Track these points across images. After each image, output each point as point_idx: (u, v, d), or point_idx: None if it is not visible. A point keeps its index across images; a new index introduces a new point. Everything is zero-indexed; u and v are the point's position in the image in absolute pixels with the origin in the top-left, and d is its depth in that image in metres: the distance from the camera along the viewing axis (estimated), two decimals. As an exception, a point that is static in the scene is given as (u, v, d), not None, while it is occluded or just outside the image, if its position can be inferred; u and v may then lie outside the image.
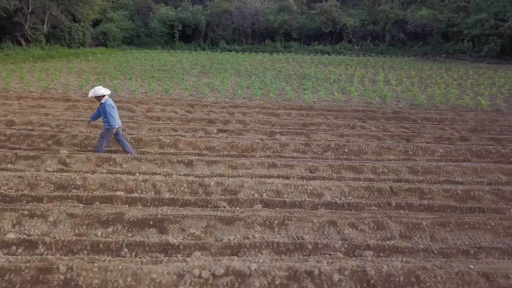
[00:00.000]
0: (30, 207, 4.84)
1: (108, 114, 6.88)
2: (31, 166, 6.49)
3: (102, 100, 7.05)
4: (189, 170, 6.60)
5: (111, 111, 6.92)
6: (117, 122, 6.96)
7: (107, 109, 6.90)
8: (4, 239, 4.23)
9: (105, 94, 7.02)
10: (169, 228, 4.61)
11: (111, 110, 6.93)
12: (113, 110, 6.96)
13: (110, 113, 6.89)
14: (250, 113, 11.14)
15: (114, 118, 6.92)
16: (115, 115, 6.98)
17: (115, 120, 6.94)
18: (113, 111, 6.95)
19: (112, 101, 7.16)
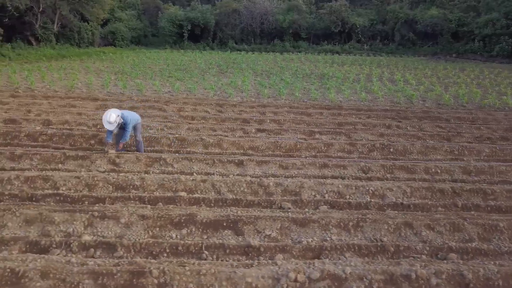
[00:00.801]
0: (99, 208, 4.73)
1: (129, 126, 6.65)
2: (81, 166, 6.38)
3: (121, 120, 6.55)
4: (241, 170, 6.49)
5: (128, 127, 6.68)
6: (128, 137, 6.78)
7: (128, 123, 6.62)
8: (81, 241, 4.12)
9: (118, 116, 6.43)
10: (244, 230, 4.50)
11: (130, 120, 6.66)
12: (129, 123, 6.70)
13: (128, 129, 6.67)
14: (281, 112, 11.02)
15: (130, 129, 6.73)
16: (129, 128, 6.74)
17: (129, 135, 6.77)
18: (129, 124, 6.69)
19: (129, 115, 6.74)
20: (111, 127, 6.40)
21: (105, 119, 6.32)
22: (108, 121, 6.30)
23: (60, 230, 4.37)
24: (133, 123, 6.74)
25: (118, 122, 6.41)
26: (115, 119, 6.32)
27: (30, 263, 3.54)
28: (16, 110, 9.74)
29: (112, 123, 6.32)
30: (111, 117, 6.29)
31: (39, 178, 5.56)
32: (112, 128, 6.43)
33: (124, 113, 6.58)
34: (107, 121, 6.31)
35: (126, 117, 6.57)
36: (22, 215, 4.48)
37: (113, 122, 6.32)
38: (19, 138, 7.60)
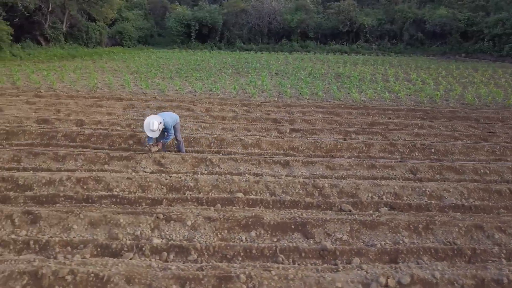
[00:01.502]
0: (162, 210, 4.63)
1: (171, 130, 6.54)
2: (127, 167, 6.27)
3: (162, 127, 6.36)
4: (287, 171, 6.37)
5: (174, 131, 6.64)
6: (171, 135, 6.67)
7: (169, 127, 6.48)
8: (153, 245, 4.01)
9: (160, 123, 6.26)
10: (314, 233, 4.39)
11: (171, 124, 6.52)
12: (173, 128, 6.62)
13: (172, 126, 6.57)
14: (309, 112, 10.91)
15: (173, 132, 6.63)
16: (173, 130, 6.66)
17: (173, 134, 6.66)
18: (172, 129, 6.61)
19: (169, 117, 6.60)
20: (155, 134, 6.27)
21: (147, 128, 6.15)
22: (151, 129, 6.15)
23: (127, 233, 4.26)
24: (173, 124, 6.62)
25: (160, 129, 6.28)
26: (158, 126, 6.17)
27: (112, 268, 3.43)
28: (46, 110, 9.62)
29: (154, 130, 6.18)
30: (154, 125, 6.12)
31: (91, 179, 5.45)
32: (155, 135, 6.32)
33: (164, 118, 6.42)
34: (150, 129, 6.15)
35: (167, 122, 6.41)
36: (86, 218, 4.37)
37: (156, 130, 6.19)
38: (57, 138, 7.49)
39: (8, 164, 6.18)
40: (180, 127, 8.33)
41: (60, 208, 4.55)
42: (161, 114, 6.54)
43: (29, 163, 6.21)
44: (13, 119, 8.53)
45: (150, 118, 6.22)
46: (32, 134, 7.52)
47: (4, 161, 6.23)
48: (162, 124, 6.27)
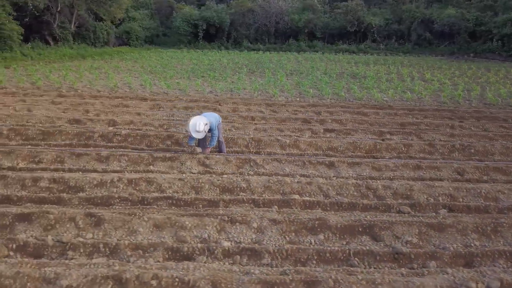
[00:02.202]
0: (224, 212, 4.54)
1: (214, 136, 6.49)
2: (172, 167, 6.18)
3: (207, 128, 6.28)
4: (334, 172, 6.29)
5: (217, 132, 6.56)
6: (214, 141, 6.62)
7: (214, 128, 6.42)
8: (224, 248, 3.92)
9: (206, 124, 6.20)
10: (383, 235, 4.30)
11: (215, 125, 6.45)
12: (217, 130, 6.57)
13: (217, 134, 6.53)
14: (336, 112, 10.82)
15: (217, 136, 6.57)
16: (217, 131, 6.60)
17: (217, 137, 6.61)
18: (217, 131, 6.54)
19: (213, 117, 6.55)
20: (200, 135, 6.20)
21: (193, 129, 6.07)
22: (196, 130, 6.07)
23: (194, 235, 4.17)
24: (216, 125, 6.54)
25: (206, 130, 6.19)
26: (203, 127, 6.08)
27: (195, 272, 3.35)
28: (74, 110, 9.54)
29: (200, 132, 6.10)
30: (200, 126, 6.03)
31: (143, 181, 5.36)
32: (201, 136, 6.25)
33: (208, 118, 6.34)
34: (196, 130, 6.07)
35: (212, 122, 6.33)
36: (151, 220, 4.28)
37: (201, 131, 6.11)
38: (93, 138, 7.41)
39: (52, 164, 6.10)
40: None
41: (122, 210, 4.47)
42: (205, 115, 6.46)
43: (73, 164, 6.13)
44: (45, 119, 8.44)
45: (196, 119, 6.14)
46: (69, 135, 7.43)
47: (48, 162, 6.15)
48: (208, 125, 6.18)
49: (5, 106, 9.61)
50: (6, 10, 24.87)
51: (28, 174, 5.38)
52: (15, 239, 3.89)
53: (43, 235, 4.07)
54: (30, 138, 7.29)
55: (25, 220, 4.23)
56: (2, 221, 4.20)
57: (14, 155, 6.20)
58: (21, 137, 7.31)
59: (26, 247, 3.85)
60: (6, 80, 13.71)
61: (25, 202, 4.85)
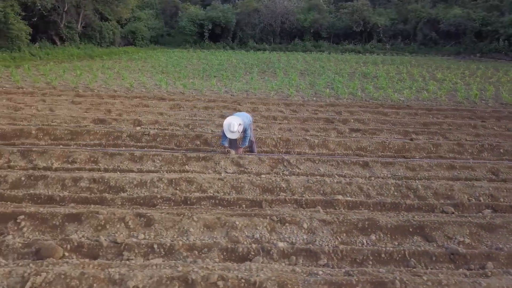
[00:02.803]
0: (272, 212, 4.51)
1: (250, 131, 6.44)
2: (206, 167, 6.15)
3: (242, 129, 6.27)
4: (369, 172, 6.25)
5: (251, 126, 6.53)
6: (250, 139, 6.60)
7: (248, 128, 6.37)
8: (279, 249, 3.89)
9: (241, 125, 6.20)
10: (434, 236, 4.27)
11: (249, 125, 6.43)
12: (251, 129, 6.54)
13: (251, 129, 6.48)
14: (355, 112, 10.79)
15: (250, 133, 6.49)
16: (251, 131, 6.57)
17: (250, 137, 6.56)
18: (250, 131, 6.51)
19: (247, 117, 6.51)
20: (234, 136, 6.16)
21: (227, 129, 6.07)
22: (231, 130, 6.06)
23: (246, 235, 4.14)
24: (248, 124, 6.50)
25: (240, 130, 6.17)
26: (237, 128, 6.07)
27: (259, 273, 3.31)
28: (96, 110, 9.51)
29: (234, 132, 6.08)
30: (234, 126, 6.02)
31: (183, 180, 5.33)
32: (235, 137, 6.21)
33: (242, 118, 6.31)
34: (230, 130, 6.06)
35: (245, 123, 6.31)
36: (200, 220, 4.25)
37: (235, 131, 6.08)
38: (122, 138, 7.38)
39: (87, 164, 6.07)
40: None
41: (169, 211, 4.44)
42: (238, 115, 6.43)
43: (107, 164, 6.09)
44: (69, 119, 8.41)
45: (230, 119, 6.11)
46: (97, 134, 7.40)
47: (82, 162, 6.12)
48: (242, 126, 6.16)
49: (27, 106, 9.58)
50: (14, 10, 24.86)
51: (67, 174, 5.35)
52: (69, 240, 3.85)
53: (94, 235, 4.04)
54: (58, 138, 7.26)
55: (74, 220, 4.20)
56: (52, 221, 4.17)
57: (47, 155, 6.16)
58: (50, 137, 7.28)
59: (80, 247, 3.82)
60: (21, 80, 13.67)
61: (68, 202, 4.82)
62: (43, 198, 4.85)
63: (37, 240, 3.86)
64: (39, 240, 3.86)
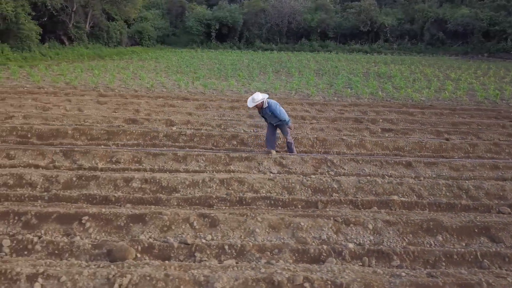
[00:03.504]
0: (334, 213, 4.47)
1: (279, 112, 6.41)
2: (250, 167, 6.11)
3: (265, 105, 6.45)
4: (412, 172, 6.21)
5: (281, 108, 6.48)
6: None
7: (277, 109, 6.39)
8: (350, 250, 3.85)
9: (263, 99, 6.40)
10: (501, 236, 4.23)
11: (280, 107, 6.47)
12: (281, 107, 6.53)
13: (280, 110, 6.44)
14: (381, 111, 10.74)
15: (285, 113, 6.50)
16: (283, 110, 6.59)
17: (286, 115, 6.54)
18: (281, 108, 6.50)
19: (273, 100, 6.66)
20: (253, 104, 6.31)
21: (250, 100, 6.36)
22: (253, 98, 6.30)
23: (313, 236, 4.10)
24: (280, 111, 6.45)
25: (261, 102, 6.32)
26: (261, 97, 6.30)
27: (343, 275, 3.27)
28: (124, 110, 9.47)
29: (256, 100, 6.28)
30: (258, 95, 6.32)
31: (234, 180, 5.29)
32: (252, 105, 6.34)
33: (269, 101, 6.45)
34: (253, 99, 6.32)
35: (271, 104, 6.40)
36: (265, 221, 4.21)
37: (257, 100, 6.28)
38: (159, 138, 7.34)
39: (131, 164, 6.03)
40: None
41: (232, 211, 4.40)
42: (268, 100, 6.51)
43: (151, 164, 6.05)
44: (101, 119, 8.37)
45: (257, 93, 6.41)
46: (133, 134, 7.36)
47: (125, 162, 6.08)
48: (266, 101, 6.33)
49: (55, 106, 9.54)
50: (25, 10, 24.82)
51: (117, 174, 5.31)
52: (139, 241, 3.82)
53: (161, 236, 4.00)
54: (95, 138, 7.22)
55: (139, 221, 4.16)
56: (116, 222, 4.13)
57: (90, 155, 6.13)
58: (86, 136, 7.24)
59: (151, 248, 3.78)
60: (40, 80, 13.63)
61: (124, 203, 4.78)
62: (98, 199, 4.81)
63: (106, 241, 3.82)
64: (108, 241, 3.82)
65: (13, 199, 4.73)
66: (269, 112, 6.47)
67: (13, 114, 8.41)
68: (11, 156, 6.04)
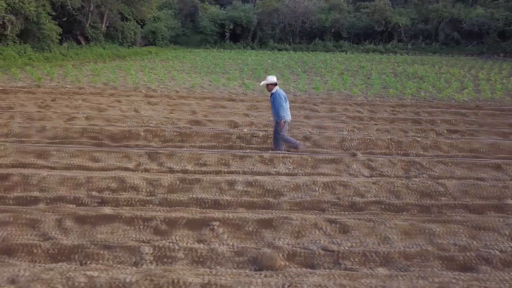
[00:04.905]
0: (461, 218, 4.33)
1: (278, 104, 6.42)
2: (338, 170, 5.96)
3: (273, 90, 6.61)
4: (502, 174, 6.06)
5: (282, 102, 6.46)
6: (287, 115, 6.53)
7: (277, 98, 6.44)
8: (500, 257, 3.71)
9: (276, 83, 6.65)
10: None
11: (282, 100, 6.47)
12: (284, 101, 6.52)
13: (280, 103, 6.43)
14: (433, 112, 10.60)
15: (284, 109, 6.47)
16: (287, 106, 6.57)
17: (286, 111, 6.50)
18: (283, 102, 6.51)
19: (283, 92, 6.72)
20: (264, 82, 6.70)
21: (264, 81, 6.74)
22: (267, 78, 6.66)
23: (452, 243, 3.94)
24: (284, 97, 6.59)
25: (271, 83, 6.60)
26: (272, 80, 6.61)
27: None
28: (180, 111, 9.35)
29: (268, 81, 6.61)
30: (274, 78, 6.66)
31: (337, 184, 5.16)
32: (264, 83, 6.72)
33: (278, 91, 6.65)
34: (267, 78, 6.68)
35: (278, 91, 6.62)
36: (397, 227, 4.08)
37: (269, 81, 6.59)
38: (232, 140, 7.20)
39: (219, 167, 5.89)
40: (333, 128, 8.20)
41: (359, 216, 4.26)
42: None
43: (239, 166, 5.91)
44: (164, 120, 8.24)
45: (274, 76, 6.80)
46: (206, 136, 7.24)
47: (213, 164, 5.94)
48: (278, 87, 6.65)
49: (109, 107, 9.42)
50: (46, 10, 24.71)
51: (219, 177, 5.18)
52: (279, 248, 3.68)
53: (296, 242, 3.86)
54: (168, 140, 7.09)
55: (267, 226, 4.03)
56: (245, 227, 4.00)
57: (176, 158, 6.00)
58: (159, 138, 7.12)
59: (294, 255, 3.64)
60: (81, 81, 13.50)
61: (235, 206, 4.65)
62: (209, 203, 4.68)
63: (246, 248, 3.69)
64: (247, 248, 3.69)
65: (124, 203, 4.60)
66: (272, 100, 6.61)
67: (74, 115, 8.29)
68: (96, 159, 5.91)
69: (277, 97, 6.49)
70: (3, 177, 4.94)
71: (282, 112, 6.44)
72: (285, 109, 6.53)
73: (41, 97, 10.48)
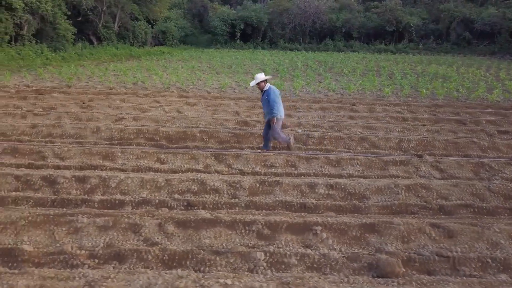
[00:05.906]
0: None
1: (273, 101, 6.21)
2: (408, 172, 5.85)
3: (266, 87, 6.36)
4: None
5: (276, 98, 6.27)
6: (281, 111, 6.34)
7: (271, 95, 6.22)
8: None
9: (267, 79, 6.40)
10: None
11: (276, 97, 6.28)
12: (278, 97, 6.34)
13: (275, 99, 6.23)
14: (473, 113, 10.48)
15: (278, 105, 6.28)
16: (280, 102, 6.37)
17: (279, 107, 6.31)
18: (278, 98, 6.32)
19: (276, 88, 6.50)
20: (253, 82, 6.41)
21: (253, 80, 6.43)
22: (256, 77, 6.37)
23: None
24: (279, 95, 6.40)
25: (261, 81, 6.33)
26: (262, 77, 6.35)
27: None
28: (222, 111, 9.24)
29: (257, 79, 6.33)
30: (262, 75, 6.41)
31: (418, 186, 5.04)
32: (253, 83, 6.42)
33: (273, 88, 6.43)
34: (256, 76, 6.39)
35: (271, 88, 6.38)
36: (504, 231, 3.96)
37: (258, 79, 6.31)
38: (288, 141, 7.08)
39: (287, 168, 5.78)
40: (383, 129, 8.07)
41: (461, 221, 4.14)
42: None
43: (306, 168, 5.81)
44: (213, 121, 8.13)
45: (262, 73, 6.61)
46: (261, 137, 7.11)
47: (280, 166, 5.83)
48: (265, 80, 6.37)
49: (151, 107, 9.30)
50: (61, 10, 24.62)
51: (298, 179, 5.06)
52: (393, 253, 3.57)
53: (404, 247, 3.75)
54: (225, 141, 6.99)
55: (371, 231, 3.91)
56: (350, 232, 3.88)
57: (243, 159, 5.88)
58: (216, 139, 7.01)
59: (409, 261, 3.53)
60: (111, 81, 13.39)
61: (323, 210, 4.54)
62: (296, 206, 4.57)
63: (357, 254, 3.57)
64: (359, 253, 3.57)
65: (210, 206, 4.48)
66: (266, 97, 6.32)
67: (121, 116, 8.17)
68: (162, 160, 5.80)
69: (271, 93, 6.25)
70: (80, 179, 4.83)
71: (276, 109, 6.24)
72: (279, 105, 6.34)
73: (77, 97, 10.36)
